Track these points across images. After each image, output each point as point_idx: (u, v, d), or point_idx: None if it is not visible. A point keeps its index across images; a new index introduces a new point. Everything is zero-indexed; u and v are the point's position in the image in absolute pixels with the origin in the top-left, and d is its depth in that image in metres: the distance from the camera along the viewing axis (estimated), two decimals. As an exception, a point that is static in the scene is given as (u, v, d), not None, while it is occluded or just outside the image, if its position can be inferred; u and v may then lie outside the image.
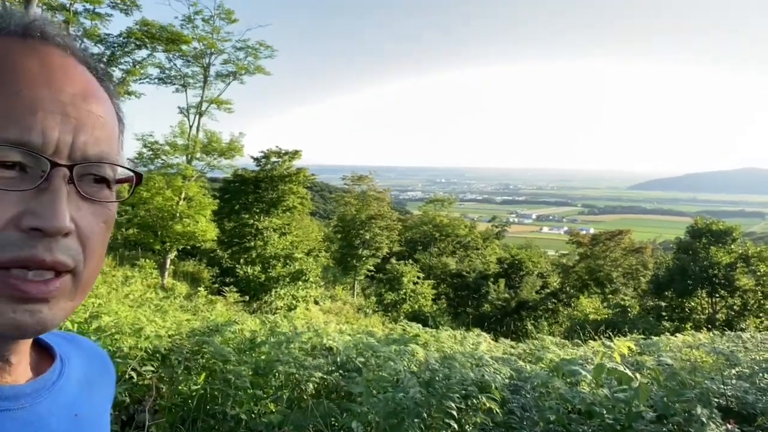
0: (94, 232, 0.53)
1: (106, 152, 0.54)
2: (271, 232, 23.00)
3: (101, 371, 0.73)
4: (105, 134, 0.54)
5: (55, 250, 0.49)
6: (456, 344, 6.34)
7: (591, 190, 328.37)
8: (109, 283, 13.77)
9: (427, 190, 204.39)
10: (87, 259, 0.53)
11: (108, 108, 0.57)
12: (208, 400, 4.15)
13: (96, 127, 0.53)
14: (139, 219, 19.13)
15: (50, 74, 0.51)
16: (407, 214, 49.33)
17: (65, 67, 0.53)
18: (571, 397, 3.19)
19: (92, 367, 0.70)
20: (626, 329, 12.15)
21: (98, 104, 0.55)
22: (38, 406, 0.56)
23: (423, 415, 2.87)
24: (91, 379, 0.68)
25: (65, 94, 0.51)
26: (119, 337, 4.50)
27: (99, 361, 0.73)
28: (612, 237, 30.23)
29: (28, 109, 0.48)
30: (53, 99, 0.50)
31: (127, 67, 18.68)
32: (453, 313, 27.99)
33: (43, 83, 0.50)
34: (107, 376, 0.74)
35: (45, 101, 0.49)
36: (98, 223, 0.54)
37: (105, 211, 0.55)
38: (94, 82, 0.56)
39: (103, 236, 0.55)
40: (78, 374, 0.65)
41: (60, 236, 0.50)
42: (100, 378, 0.71)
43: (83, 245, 0.52)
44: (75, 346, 0.70)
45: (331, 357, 4.68)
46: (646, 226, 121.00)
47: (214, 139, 20.38)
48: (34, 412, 0.56)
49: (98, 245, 0.54)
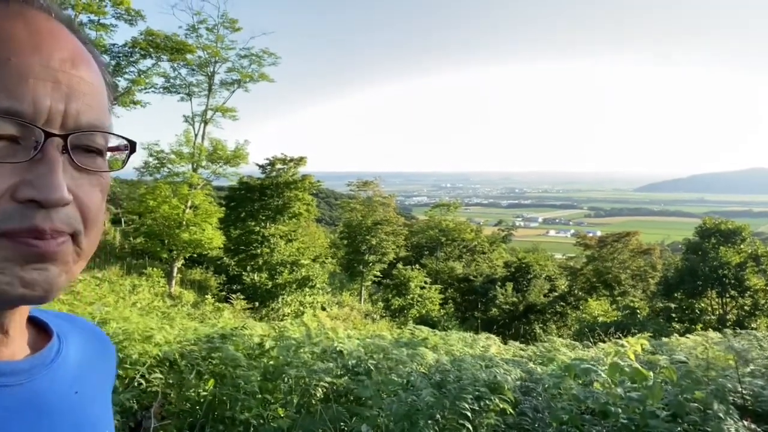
0: (92, 201, 0.53)
1: (99, 120, 0.53)
2: (278, 239, 23.01)
3: (100, 351, 0.71)
4: (96, 101, 0.53)
5: (53, 219, 0.49)
6: (465, 347, 6.29)
7: (597, 192, 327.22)
8: (117, 292, 13.81)
9: (432, 195, 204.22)
10: (87, 228, 0.53)
11: (96, 73, 0.55)
12: (216, 405, 4.13)
13: (87, 94, 0.52)
14: (146, 228, 19.24)
15: (38, 40, 0.49)
16: (413, 220, 49.27)
17: (52, 31, 0.51)
18: (584, 397, 3.14)
19: (91, 347, 0.69)
20: (636, 331, 12.04)
21: (88, 70, 0.53)
22: (37, 383, 0.55)
23: (436, 417, 2.84)
24: (90, 359, 0.67)
25: (55, 61, 0.49)
26: (128, 344, 4.50)
27: (98, 342, 0.72)
28: (619, 239, 30.04)
29: (18, 78, 0.47)
30: (43, 66, 0.48)
31: (133, 77, 18.80)
32: (461, 317, 27.86)
33: (32, 50, 0.48)
34: (107, 357, 0.73)
35: (35, 68, 0.48)
36: (95, 192, 0.53)
37: (100, 180, 0.54)
38: (82, 47, 0.55)
39: (101, 205, 0.55)
40: (76, 353, 0.64)
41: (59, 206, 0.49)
42: (100, 358, 0.70)
43: (83, 214, 0.52)
44: (73, 326, 0.69)
45: (340, 360, 4.65)
46: (654, 228, 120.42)
47: (219, 147, 20.45)
48: (33, 388, 0.55)
49: (97, 213, 0.54)
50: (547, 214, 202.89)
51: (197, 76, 21.05)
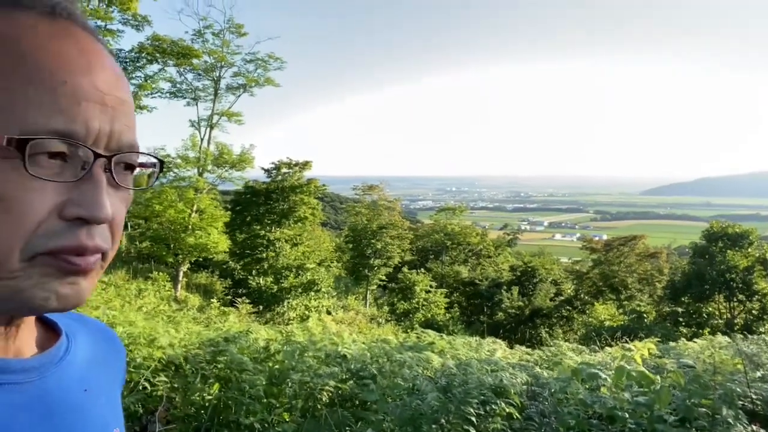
0: (120, 217, 0.55)
1: (134, 139, 0.55)
2: (283, 243, 23.04)
3: (109, 350, 0.72)
4: (131, 121, 0.55)
5: (95, 237, 0.51)
6: (471, 351, 6.26)
7: (603, 196, 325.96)
8: (122, 296, 13.84)
9: (437, 199, 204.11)
10: (113, 243, 0.55)
11: (129, 92, 0.57)
12: (221, 409, 4.13)
13: (126, 114, 0.53)
14: (152, 232, 19.33)
15: (87, 60, 0.51)
16: (418, 223, 49.24)
17: (97, 51, 0.53)
18: (591, 402, 3.12)
19: (100, 346, 0.70)
20: (642, 335, 11.97)
21: (126, 90, 0.55)
22: (46, 381, 0.56)
23: (441, 422, 2.82)
24: (99, 358, 0.68)
25: (101, 82, 0.51)
26: (133, 348, 4.50)
27: (107, 341, 0.73)
28: (626, 242, 29.91)
29: (73, 100, 0.48)
30: (93, 87, 0.50)
31: (139, 82, 18.91)
32: (466, 321, 27.77)
33: (83, 70, 0.50)
34: (116, 356, 0.74)
35: (86, 90, 0.49)
36: (123, 208, 0.56)
37: (127, 197, 0.56)
38: (118, 67, 0.56)
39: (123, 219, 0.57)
40: (85, 352, 0.65)
41: (102, 224, 0.51)
42: (109, 357, 0.71)
43: (111, 230, 0.54)
44: (82, 325, 0.69)
45: (345, 365, 4.64)
46: (660, 232, 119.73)
47: (225, 151, 20.53)
48: (42, 386, 0.55)
49: (121, 228, 0.56)
50: (552, 218, 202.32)
51: (203, 80, 21.19)
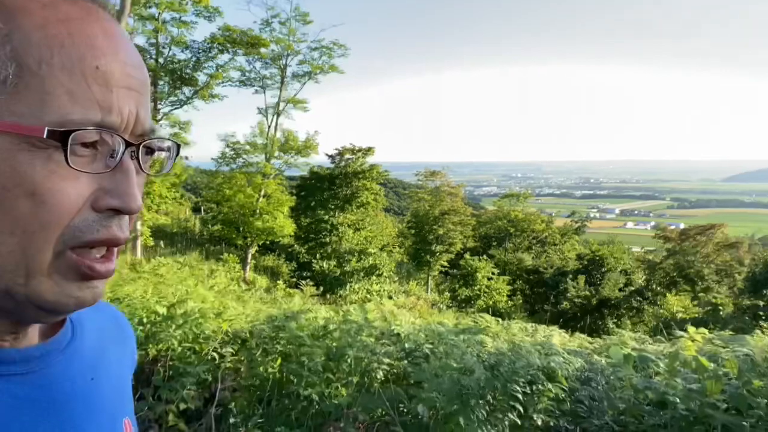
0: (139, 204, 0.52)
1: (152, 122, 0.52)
2: (346, 227, 23.53)
3: (118, 336, 0.70)
4: (149, 103, 0.52)
5: (124, 228, 0.50)
6: (527, 336, 6.25)
7: (681, 182, 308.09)
8: (196, 276, 14.68)
9: (502, 185, 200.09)
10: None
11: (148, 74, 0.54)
12: (283, 381, 4.38)
13: (147, 97, 0.51)
14: (222, 216, 20.25)
15: (114, 45, 0.48)
16: (481, 210, 48.60)
17: (120, 35, 0.50)
18: (643, 387, 3.09)
19: (108, 332, 0.67)
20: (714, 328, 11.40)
21: (146, 72, 0.53)
22: (51, 369, 0.54)
23: (488, 398, 2.90)
24: (107, 344, 0.65)
25: (128, 67, 0.49)
26: (203, 321, 4.84)
27: (116, 326, 0.70)
28: (703, 231, 28.29)
29: (106, 87, 0.46)
30: (122, 73, 0.48)
31: (211, 72, 19.70)
32: (530, 310, 27.34)
33: (112, 56, 0.47)
34: (125, 341, 0.71)
35: (117, 75, 0.47)
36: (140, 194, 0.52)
37: (143, 182, 0.54)
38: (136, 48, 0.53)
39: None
40: (92, 339, 0.62)
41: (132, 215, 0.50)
42: (118, 343, 0.68)
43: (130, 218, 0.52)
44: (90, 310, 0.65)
45: (399, 344, 4.79)
46: (744, 221, 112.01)
47: (291, 137, 21.14)
48: (47, 375, 0.53)
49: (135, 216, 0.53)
50: (625, 206, 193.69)
51: (270, 69, 21.81)
